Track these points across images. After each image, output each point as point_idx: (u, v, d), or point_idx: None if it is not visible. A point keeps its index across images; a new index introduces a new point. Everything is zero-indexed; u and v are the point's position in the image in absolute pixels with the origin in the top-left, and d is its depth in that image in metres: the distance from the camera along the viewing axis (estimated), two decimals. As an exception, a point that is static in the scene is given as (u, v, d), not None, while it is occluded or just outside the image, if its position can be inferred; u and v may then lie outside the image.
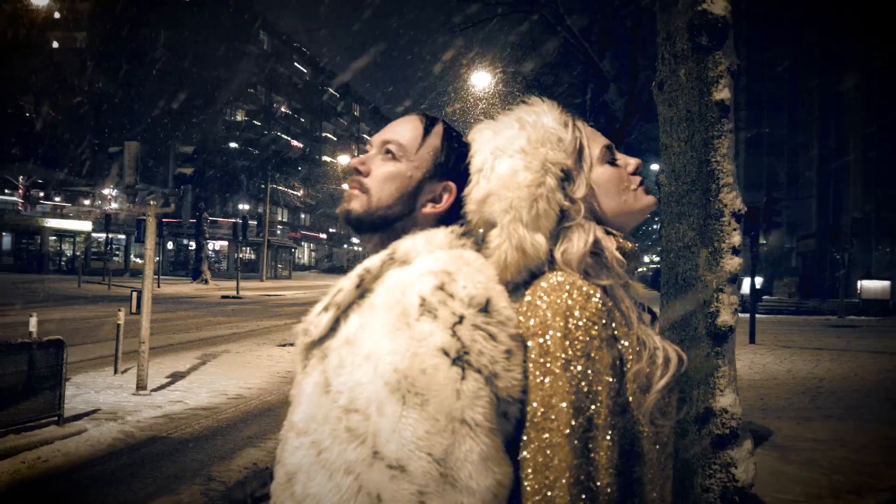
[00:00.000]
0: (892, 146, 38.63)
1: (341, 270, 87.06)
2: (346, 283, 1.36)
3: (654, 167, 32.37)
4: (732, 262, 2.99)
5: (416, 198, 1.45)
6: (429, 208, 1.46)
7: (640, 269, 1.45)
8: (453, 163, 1.47)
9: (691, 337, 3.02)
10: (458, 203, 1.45)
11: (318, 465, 1.24)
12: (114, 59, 44.11)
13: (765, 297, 35.34)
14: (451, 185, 1.46)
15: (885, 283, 32.73)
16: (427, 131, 1.49)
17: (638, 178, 1.43)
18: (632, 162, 1.43)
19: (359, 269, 1.36)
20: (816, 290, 40.14)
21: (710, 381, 2.96)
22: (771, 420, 8.55)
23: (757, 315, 18.88)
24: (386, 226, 1.44)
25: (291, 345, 9.87)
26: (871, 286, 32.70)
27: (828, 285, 40.13)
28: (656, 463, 1.27)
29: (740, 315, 3.14)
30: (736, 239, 3.00)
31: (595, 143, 1.41)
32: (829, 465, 6.74)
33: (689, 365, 3.01)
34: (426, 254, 1.34)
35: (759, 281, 25.82)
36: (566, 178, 1.35)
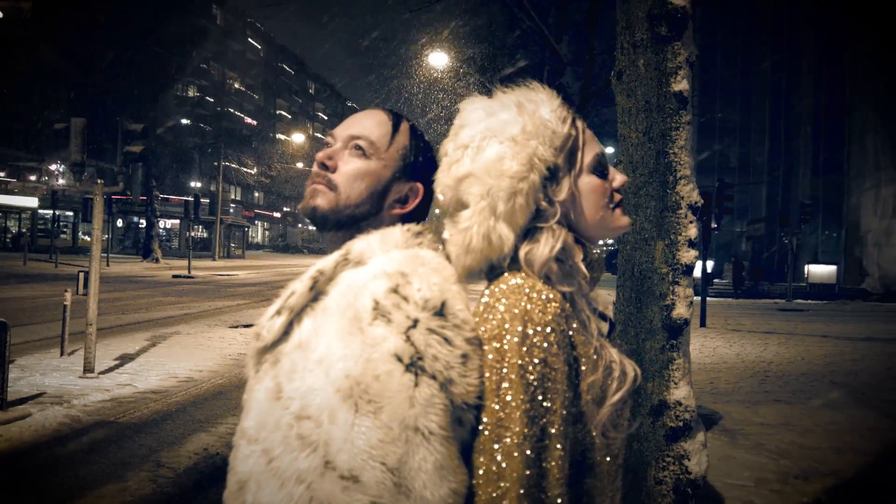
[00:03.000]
0: (838, 133, 39.46)
1: (295, 250, 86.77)
2: (298, 286, 1.32)
3: (610, 150, 32.64)
4: (689, 255, 2.99)
5: (385, 198, 1.42)
6: (397, 209, 1.43)
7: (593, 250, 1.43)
8: (421, 163, 1.43)
9: (647, 329, 3.02)
10: (423, 205, 1.42)
11: (269, 473, 1.21)
12: (61, 32, 42.97)
13: (715, 280, 35.96)
14: (419, 186, 1.43)
15: (832, 268, 33.51)
16: (395, 129, 1.45)
17: (619, 197, 1.39)
18: (618, 178, 1.39)
19: (312, 271, 1.32)
20: (765, 273, 40.95)
21: (665, 374, 2.97)
22: (720, 404, 8.69)
23: (707, 298, 19.18)
24: (352, 224, 1.40)
25: (244, 326, 9.80)
26: (818, 270, 33.45)
27: (776, 269, 40.96)
28: (607, 474, 1.26)
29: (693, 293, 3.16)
30: (692, 231, 3.00)
31: (589, 149, 1.36)
32: (776, 450, 6.87)
33: (645, 357, 3.02)
34: (381, 254, 1.31)
35: (709, 264, 26.23)
36: (551, 177, 1.30)
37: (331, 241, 1.42)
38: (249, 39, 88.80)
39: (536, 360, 1.16)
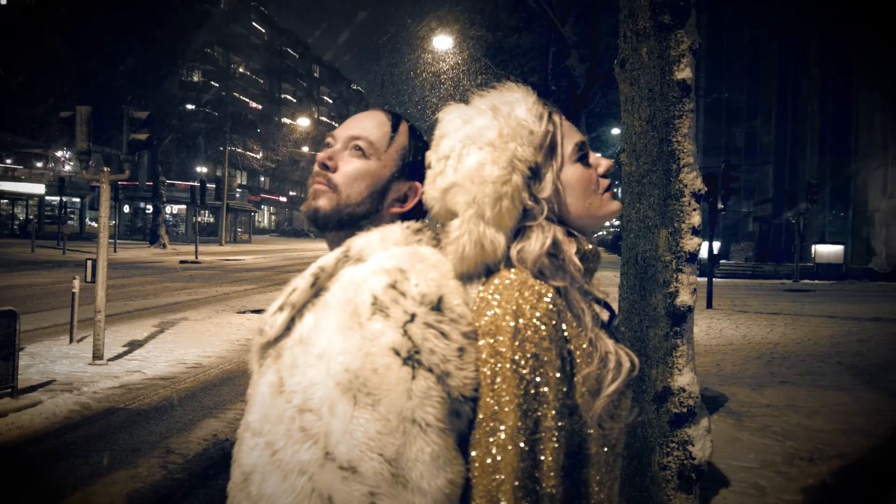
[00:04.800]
0: (846, 113, 39.21)
1: (302, 234, 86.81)
2: (300, 282, 1.34)
3: (616, 132, 32.47)
4: (692, 242, 3.00)
5: (384, 197, 1.45)
6: (396, 208, 1.46)
7: (599, 233, 1.44)
8: (419, 163, 1.45)
9: (650, 317, 3.03)
10: (422, 203, 1.44)
11: (273, 465, 1.23)
12: (65, 18, 42.87)
13: (722, 261, 35.88)
14: (417, 185, 1.45)
15: (839, 248, 33.39)
16: (395, 129, 1.48)
17: (607, 182, 1.41)
18: (603, 163, 1.41)
19: (313, 268, 1.35)
20: (772, 254, 40.83)
21: (669, 361, 2.98)
22: (727, 386, 8.71)
23: (714, 279, 19.14)
24: (352, 224, 1.42)
25: (252, 311, 9.85)
26: (825, 250, 33.34)
27: (783, 249, 40.85)
28: (604, 465, 1.28)
29: (698, 279, 3.17)
30: (696, 219, 3.01)
31: (569, 140, 1.38)
32: (782, 432, 6.89)
33: (649, 344, 3.03)
34: (381, 251, 1.34)
35: (716, 245, 26.13)
36: (533, 175, 1.32)
37: (332, 240, 1.45)
38: (253, 23, 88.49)
39: (529, 355, 1.18)
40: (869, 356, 11.17)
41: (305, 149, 79.19)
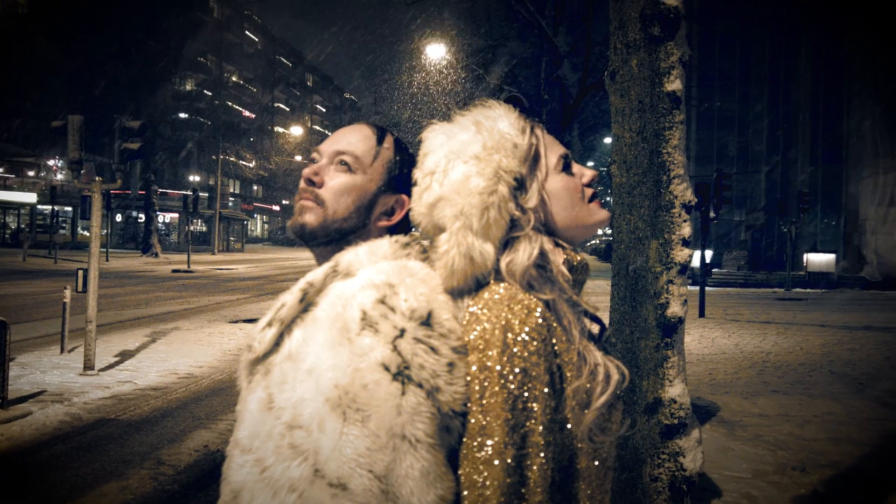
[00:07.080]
0: (837, 122, 39.41)
1: (295, 243, 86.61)
2: (289, 298, 1.33)
3: (608, 140, 32.54)
4: (682, 254, 3.00)
5: (371, 211, 1.45)
6: (383, 221, 1.46)
7: (592, 242, 1.44)
8: (406, 176, 1.46)
9: (641, 328, 3.04)
10: (409, 216, 1.44)
11: (263, 482, 1.22)
12: (58, 26, 42.85)
13: (714, 269, 35.95)
14: (404, 198, 1.46)
15: (831, 256, 33.48)
16: (380, 143, 1.48)
17: (592, 191, 1.41)
18: (587, 173, 1.41)
19: (302, 283, 1.34)
20: (764, 262, 40.92)
21: (660, 372, 2.99)
22: (719, 395, 8.72)
23: (706, 288, 19.16)
24: (340, 239, 1.42)
25: (245, 321, 9.80)
26: (817, 259, 33.42)
27: (775, 258, 40.95)
28: (595, 479, 1.27)
29: (690, 288, 3.17)
30: (686, 230, 3.02)
31: (552, 152, 1.39)
32: (774, 441, 6.90)
33: (639, 356, 3.03)
34: (369, 265, 1.33)
35: (708, 254, 26.17)
36: (519, 186, 1.32)
37: (320, 255, 1.45)
38: (247, 32, 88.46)
39: (517, 370, 1.17)
40: (860, 365, 11.20)
41: (298, 158, 79.10)
